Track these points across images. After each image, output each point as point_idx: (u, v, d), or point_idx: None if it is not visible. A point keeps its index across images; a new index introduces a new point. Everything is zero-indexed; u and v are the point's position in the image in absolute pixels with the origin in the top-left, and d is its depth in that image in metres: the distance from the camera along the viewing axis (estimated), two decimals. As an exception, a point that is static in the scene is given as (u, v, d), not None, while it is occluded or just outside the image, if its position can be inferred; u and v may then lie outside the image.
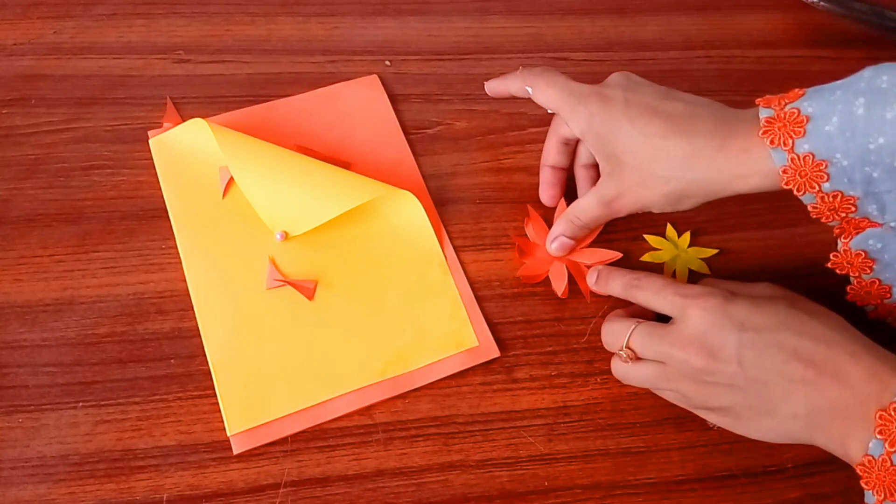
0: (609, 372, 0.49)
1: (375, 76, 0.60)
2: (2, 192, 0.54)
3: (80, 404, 0.47)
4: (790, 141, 0.42)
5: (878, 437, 0.38)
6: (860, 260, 0.46)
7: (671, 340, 0.43)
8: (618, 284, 0.48)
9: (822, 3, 0.64)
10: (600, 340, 0.49)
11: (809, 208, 0.44)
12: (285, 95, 0.59)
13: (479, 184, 0.57)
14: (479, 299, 0.52)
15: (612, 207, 0.49)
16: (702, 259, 0.54)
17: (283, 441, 0.47)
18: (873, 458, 0.38)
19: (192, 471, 0.45)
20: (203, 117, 0.54)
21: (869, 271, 0.47)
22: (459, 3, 0.65)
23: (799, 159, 0.42)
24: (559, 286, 0.52)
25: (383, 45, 0.62)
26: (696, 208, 0.47)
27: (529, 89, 0.51)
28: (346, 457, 0.47)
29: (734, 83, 0.63)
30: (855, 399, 0.39)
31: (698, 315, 0.43)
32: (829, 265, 0.48)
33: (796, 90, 0.43)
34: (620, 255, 0.53)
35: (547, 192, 0.55)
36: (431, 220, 0.53)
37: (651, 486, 0.47)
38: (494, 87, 0.54)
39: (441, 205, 0.55)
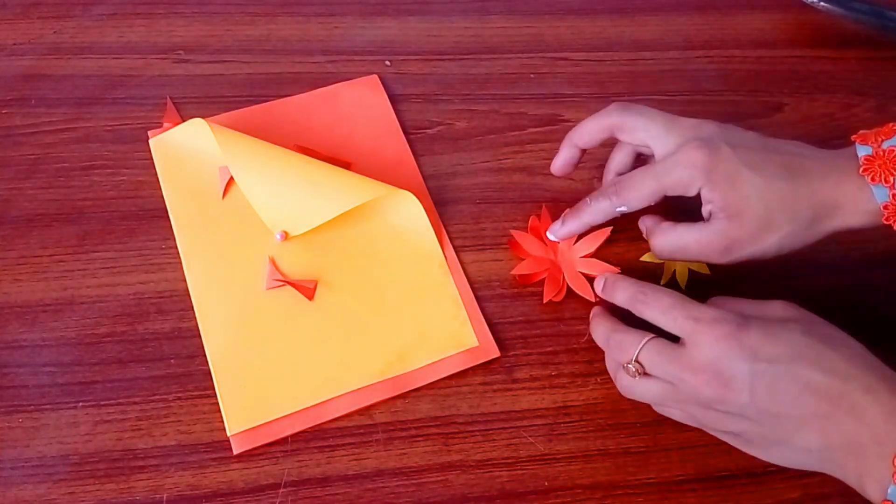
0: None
1: (375, 76, 0.60)
2: (2, 192, 0.54)
3: (80, 404, 0.47)
4: (891, 178, 0.43)
5: None
6: None
7: (682, 364, 0.42)
8: (624, 295, 0.47)
9: (822, 3, 0.64)
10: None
11: None
12: (285, 95, 0.59)
13: (479, 184, 0.57)
14: (479, 299, 0.52)
15: (728, 252, 0.47)
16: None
17: (283, 441, 0.47)
18: (893, 502, 0.37)
19: (192, 471, 0.45)
20: (203, 117, 0.54)
21: None
22: (459, 3, 0.65)
23: None
24: (549, 293, 0.52)
25: (383, 45, 0.62)
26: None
27: (623, 209, 0.49)
28: (346, 457, 0.47)
29: (734, 83, 0.63)
30: (871, 438, 0.38)
31: (710, 343, 0.41)
32: None
33: (891, 125, 0.45)
34: (618, 270, 0.52)
35: (564, 166, 0.53)
36: (431, 220, 0.53)
37: (651, 486, 0.47)
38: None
39: (441, 205, 0.55)
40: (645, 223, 0.52)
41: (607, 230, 0.53)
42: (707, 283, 0.54)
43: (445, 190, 0.56)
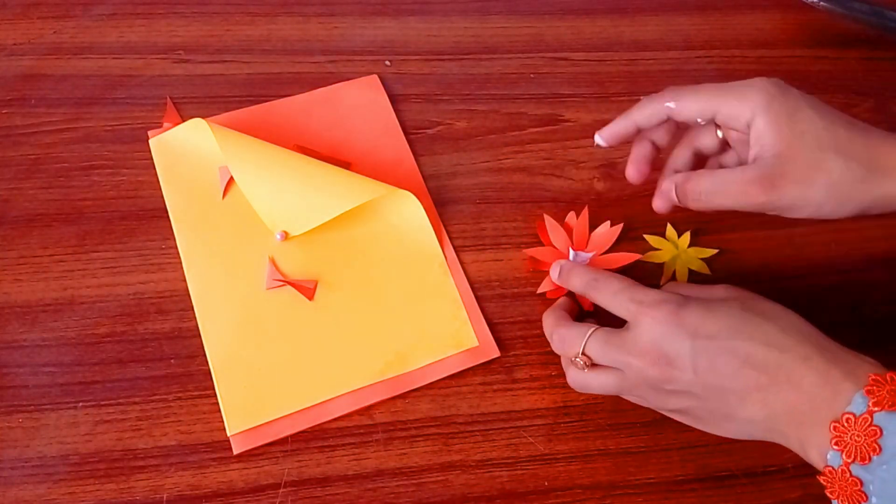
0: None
1: (375, 76, 0.60)
2: (2, 192, 0.54)
3: (80, 404, 0.47)
4: None
5: (835, 447, 0.38)
6: None
7: (628, 349, 0.43)
8: (578, 281, 0.48)
9: (822, 3, 0.64)
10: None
11: None
12: (285, 95, 0.59)
13: (479, 184, 0.57)
14: (479, 299, 0.52)
15: (762, 187, 0.43)
16: (702, 259, 0.54)
17: (283, 441, 0.47)
18: (833, 468, 0.38)
19: (192, 471, 0.45)
20: (203, 117, 0.54)
21: None
22: (459, 3, 0.65)
23: None
24: (548, 285, 0.52)
25: (383, 45, 0.62)
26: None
27: (672, 104, 0.47)
28: (346, 457, 0.47)
29: (734, 83, 0.63)
30: (809, 405, 0.39)
31: (651, 323, 0.42)
32: None
33: None
34: (639, 255, 0.52)
35: (640, 167, 0.51)
36: (431, 220, 0.53)
37: (651, 486, 0.47)
38: (613, 133, 0.49)
39: (441, 205, 0.55)
40: (675, 179, 0.48)
41: (635, 255, 0.53)
42: (707, 283, 0.53)
43: (445, 190, 0.56)
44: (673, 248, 0.54)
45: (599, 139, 0.50)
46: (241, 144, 0.53)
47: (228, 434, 0.46)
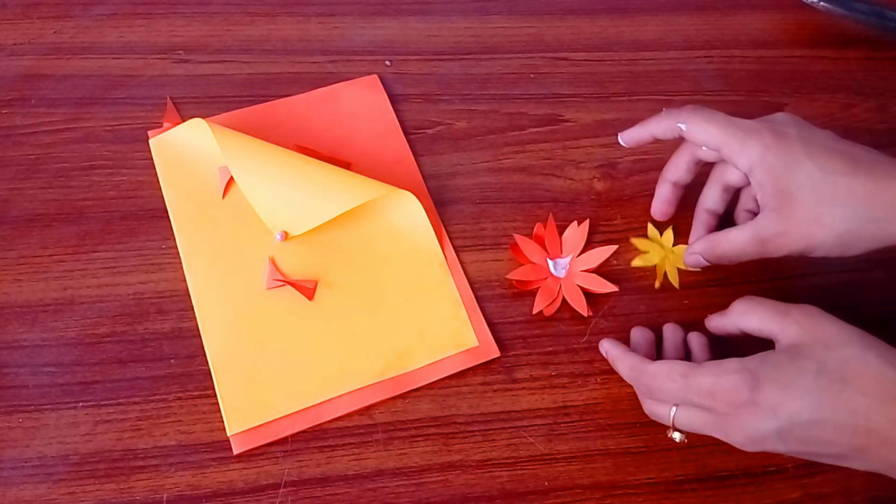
0: (609, 372, 0.49)
1: (375, 76, 0.60)
2: (2, 192, 0.54)
3: (80, 404, 0.47)
4: None
5: None
6: None
7: (715, 430, 0.42)
8: (627, 376, 0.47)
9: (822, 3, 0.64)
10: (600, 340, 0.49)
11: None
12: (285, 95, 0.59)
13: (479, 184, 0.57)
14: (479, 299, 0.52)
15: (769, 246, 0.46)
16: None
17: (283, 441, 0.47)
18: None
19: (192, 471, 0.45)
20: (203, 117, 0.54)
21: None
22: (459, 3, 0.65)
23: None
24: (541, 304, 0.51)
25: (383, 45, 0.62)
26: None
27: (682, 126, 0.48)
28: (346, 457, 0.47)
29: (734, 83, 0.63)
30: None
31: (732, 415, 0.41)
32: None
33: None
34: (616, 288, 0.52)
35: (662, 208, 0.54)
36: (431, 220, 0.53)
37: (651, 486, 0.47)
38: (633, 136, 0.51)
39: (441, 205, 0.55)
40: (696, 249, 0.51)
41: (613, 247, 0.53)
42: (703, 282, 0.54)
43: (445, 190, 0.56)
44: (659, 248, 0.54)
45: (622, 139, 0.52)
46: (241, 144, 0.53)
47: (228, 434, 0.46)
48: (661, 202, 0.54)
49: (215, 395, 0.47)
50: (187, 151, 0.55)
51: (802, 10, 0.66)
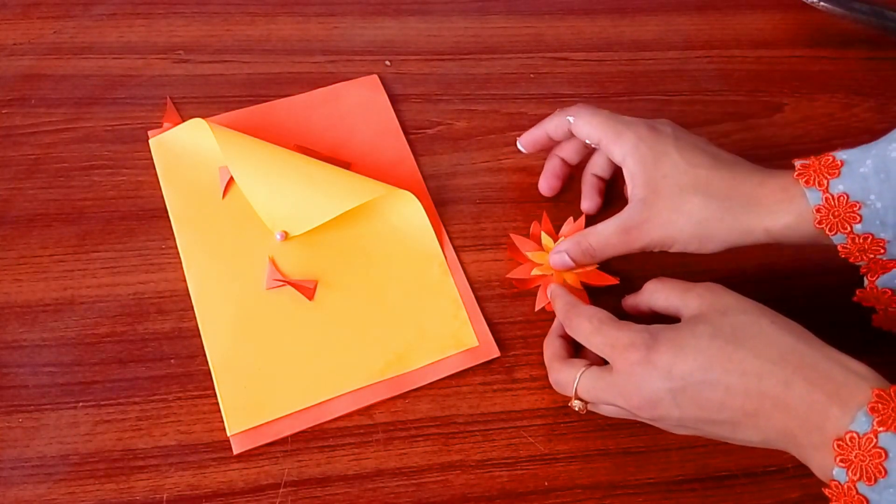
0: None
1: (375, 76, 0.60)
2: (2, 192, 0.54)
3: (80, 404, 0.47)
4: (825, 181, 0.43)
5: (840, 465, 0.37)
6: (887, 297, 0.46)
7: (615, 391, 0.43)
8: (558, 312, 0.48)
9: (822, 3, 0.64)
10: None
11: (839, 248, 0.44)
12: (285, 95, 0.59)
13: (479, 184, 0.57)
14: (479, 299, 0.52)
15: (631, 235, 0.47)
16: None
17: (283, 441, 0.47)
18: (839, 483, 0.37)
19: (192, 471, 0.45)
20: (203, 117, 0.54)
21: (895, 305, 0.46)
22: (459, 3, 0.65)
23: (833, 199, 0.43)
24: (542, 301, 0.51)
25: (383, 45, 0.62)
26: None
27: (571, 119, 0.50)
28: (346, 457, 0.47)
29: (734, 83, 0.63)
30: (801, 429, 0.38)
31: (629, 370, 0.42)
32: (854, 300, 0.47)
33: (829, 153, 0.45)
34: (617, 280, 0.52)
35: (549, 181, 0.55)
36: (431, 220, 0.53)
37: (651, 486, 0.47)
38: (529, 139, 0.54)
39: (441, 205, 0.55)
40: (563, 248, 0.50)
41: (582, 219, 0.53)
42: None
43: (445, 190, 0.56)
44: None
45: (520, 144, 0.55)
46: (241, 144, 0.53)
47: (228, 434, 0.46)
48: (549, 176, 0.55)
49: (215, 395, 0.47)
50: (187, 151, 0.55)
51: (802, 10, 0.66)
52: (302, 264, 0.52)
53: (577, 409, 0.45)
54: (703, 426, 0.42)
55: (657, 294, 0.46)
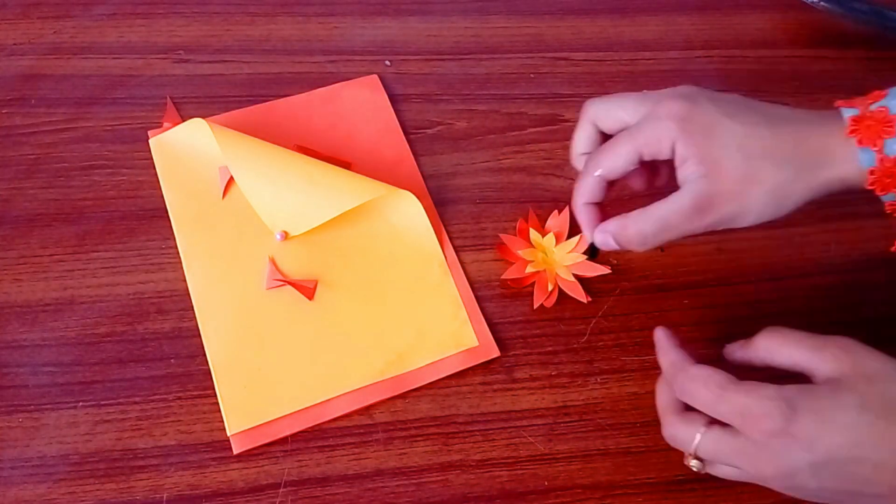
0: (609, 372, 0.49)
1: (375, 76, 0.60)
2: (2, 192, 0.54)
3: (80, 404, 0.47)
4: (880, 141, 0.41)
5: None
6: None
7: (742, 460, 0.39)
8: (665, 370, 0.44)
9: (822, 3, 0.64)
10: (600, 340, 0.49)
11: (886, 205, 0.43)
12: (285, 95, 0.59)
13: (479, 184, 0.57)
14: (479, 299, 0.52)
15: (701, 213, 0.43)
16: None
17: (283, 441, 0.47)
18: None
19: (192, 470, 0.45)
20: (203, 117, 0.54)
21: None
22: (459, 3, 0.65)
23: (889, 160, 0.41)
24: (539, 297, 0.51)
25: (383, 45, 0.62)
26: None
27: (599, 172, 0.45)
28: (346, 457, 0.47)
29: (734, 83, 0.63)
30: None
31: (762, 441, 0.38)
32: (892, 249, 0.45)
33: (876, 91, 0.42)
34: (609, 269, 0.52)
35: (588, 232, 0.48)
36: (431, 220, 0.53)
37: (651, 486, 0.47)
38: (606, 164, 0.45)
39: (441, 205, 0.55)
40: (608, 228, 0.46)
41: (566, 210, 0.53)
42: (703, 281, 0.53)
43: (445, 190, 0.56)
44: (544, 254, 0.53)
45: (598, 172, 0.46)
46: (241, 144, 0.53)
47: (228, 434, 0.46)
48: (588, 227, 0.47)
49: (215, 395, 0.47)
50: (187, 151, 0.55)
51: (802, 10, 0.66)
52: (302, 264, 0.52)
53: (694, 469, 0.42)
54: (844, 498, 0.39)
55: (779, 351, 0.42)
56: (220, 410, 0.47)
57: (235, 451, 0.46)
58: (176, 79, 0.59)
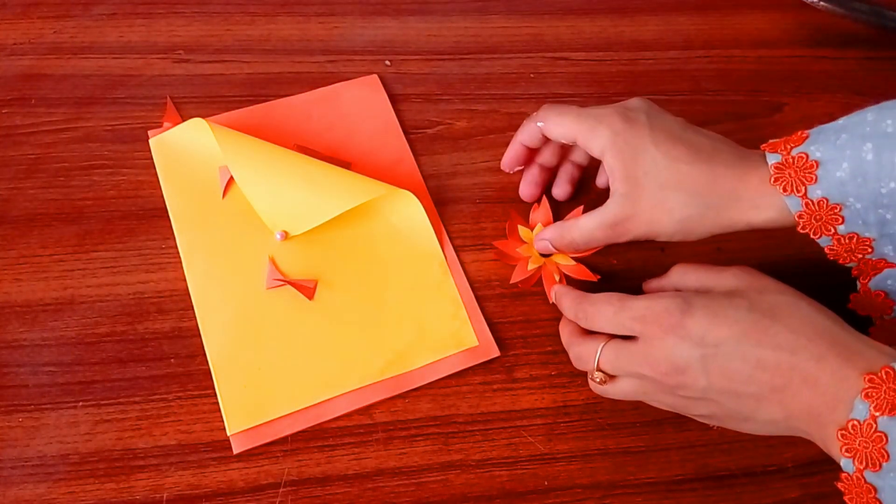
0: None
1: (375, 76, 0.60)
2: (2, 192, 0.54)
3: (80, 404, 0.47)
4: (803, 187, 0.43)
5: (846, 455, 0.37)
6: (880, 300, 0.46)
7: (640, 360, 0.42)
8: (569, 313, 0.47)
9: (822, 3, 0.64)
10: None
11: (826, 250, 0.45)
12: (285, 95, 0.59)
13: (479, 184, 0.57)
14: (479, 299, 0.52)
15: (617, 230, 0.47)
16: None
17: (283, 441, 0.47)
18: (849, 474, 0.37)
19: (192, 470, 0.46)
20: (203, 117, 0.54)
21: (890, 311, 0.46)
22: (459, 3, 0.65)
23: (813, 204, 0.43)
24: (551, 290, 0.51)
25: (383, 45, 0.62)
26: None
27: (540, 123, 0.50)
28: (346, 456, 0.47)
29: (734, 83, 0.63)
30: (827, 406, 0.38)
31: (659, 337, 0.41)
32: (849, 306, 0.47)
33: (799, 133, 0.44)
34: (598, 277, 0.52)
35: (529, 189, 0.55)
36: (431, 220, 0.53)
37: (651, 486, 0.47)
38: (509, 158, 0.54)
39: (441, 205, 0.55)
40: (546, 235, 0.51)
41: (579, 207, 0.53)
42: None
43: (445, 190, 0.56)
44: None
45: (503, 167, 0.55)
46: (241, 144, 0.53)
47: (228, 434, 0.46)
48: (530, 184, 0.55)
49: (215, 395, 0.47)
50: (187, 151, 0.55)
51: (802, 10, 0.66)
52: (302, 264, 0.52)
53: (597, 380, 0.44)
54: (726, 400, 0.41)
55: (688, 276, 0.46)
56: (220, 410, 0.47)
57: (235, 450, 0.46)
58: (176, 79, 0.59)
